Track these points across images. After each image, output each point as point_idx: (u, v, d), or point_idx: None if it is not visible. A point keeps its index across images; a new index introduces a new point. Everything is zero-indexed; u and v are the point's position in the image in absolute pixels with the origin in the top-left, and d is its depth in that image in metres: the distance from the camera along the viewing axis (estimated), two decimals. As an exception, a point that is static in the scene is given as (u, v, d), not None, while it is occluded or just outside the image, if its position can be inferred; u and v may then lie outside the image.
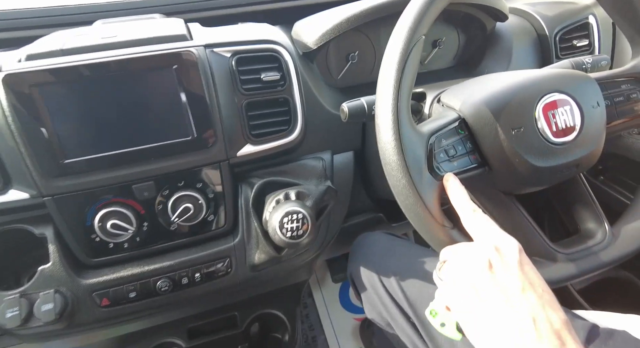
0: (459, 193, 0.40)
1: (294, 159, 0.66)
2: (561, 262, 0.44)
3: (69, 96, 0.50)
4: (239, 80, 0.57)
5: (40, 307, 0.53)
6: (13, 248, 0.58)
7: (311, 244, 0.58)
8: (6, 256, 0.58)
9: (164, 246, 0.59)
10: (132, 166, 0.54)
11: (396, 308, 0.61)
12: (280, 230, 0.48)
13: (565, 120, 0.43)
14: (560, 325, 0.31)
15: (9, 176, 0.51)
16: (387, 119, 0.40)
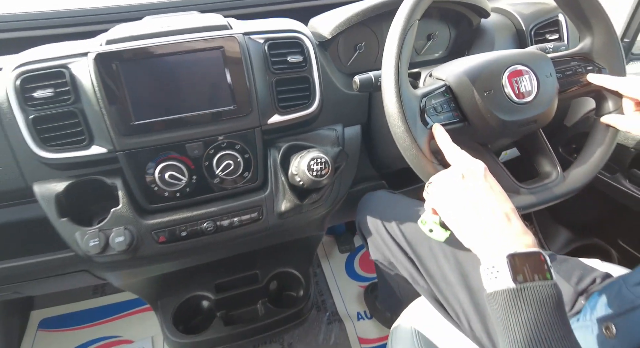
0: (443, 136, 0.53)
1: (313, 130, 0.79)
2: (524, 195, 0.57)
3: (140, 70, 0.63)
4: (270, 61, 0.70)
5: (114, 239, 0.66)
6: (90, 195, 0.70)
7: (329, 185, 0.71)
8: (85, 201, 0.70)
9: (208, 196, 0.72)
10: (185, 128, 0.67)
11: (397, 247, 0.74)
12: (308, 170, 0.61)
13: (525, 85, 0.56)
14: (509, 210, 0.44)
15: (92, 135, 0.64)
16: (390, 82, 0.53)
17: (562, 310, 0.38)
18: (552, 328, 0.36)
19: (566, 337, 0.36)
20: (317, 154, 0.61)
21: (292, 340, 1.15)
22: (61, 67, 0.61)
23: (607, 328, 0.49)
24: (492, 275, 0.40)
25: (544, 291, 0.37)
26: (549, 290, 0.37)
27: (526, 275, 0.38)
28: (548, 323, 0.36)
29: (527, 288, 0.37)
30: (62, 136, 0.62)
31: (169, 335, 0.93)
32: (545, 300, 0.37)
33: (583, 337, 0.51)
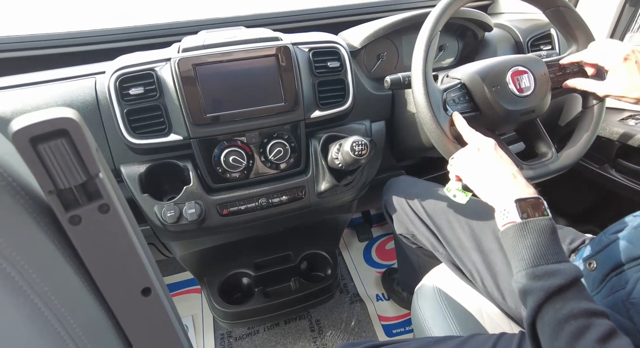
0: (461, 122, 0.66)
1: (346, 123, 0.91)
2: (525, 170, 0.70)
3: (211, 73, 0.76)
4: (314, 66, 0.83)
5: (187, 211, 0.78)
6: (163, 176, 0.83)
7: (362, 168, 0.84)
8: (159, 181, 0.83)
9: (262, 178, 0.85)
10: (245, 121, 0.79)
11: (419, 221, 0.86)
12: (351, 150, 0.73)
13: (524, 82, 0.69)
14: (514, 171, 0.56)
15: (171, 125, 0.77)
16: (419, 78, 0.66)
17: (556, 236, 0.50)
18: (549, 248, 0.48)
19: (559, 253, 0.48)
20: (358, 138, 0.74)
21: (319, 317, 1.26)
22: (150, 70, 0.75)
23: (589, 263, 0.61)
24: (504, 215, 0.52)
25: (542, 223, 0.49)
26: (546, 222, 0.50)
27: (529, 212, 0.50)
28: (546, 244, 0.48)
29: (530, 222, 0.50)
30: (147, 126, 0.75)
31: (216, 305, 1.05)
32: (544, 229, 0.49)
33: None
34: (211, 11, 1.15)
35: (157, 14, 1.04)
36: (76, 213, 0.33)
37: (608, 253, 0.58)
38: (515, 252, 0.50)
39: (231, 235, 1.00)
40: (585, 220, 1.27)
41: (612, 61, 0.66)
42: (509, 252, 0.52)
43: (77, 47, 0.96)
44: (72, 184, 0.33)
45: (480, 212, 0.80)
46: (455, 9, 0.70)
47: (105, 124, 0.77)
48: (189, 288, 1.39)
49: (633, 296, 0.51)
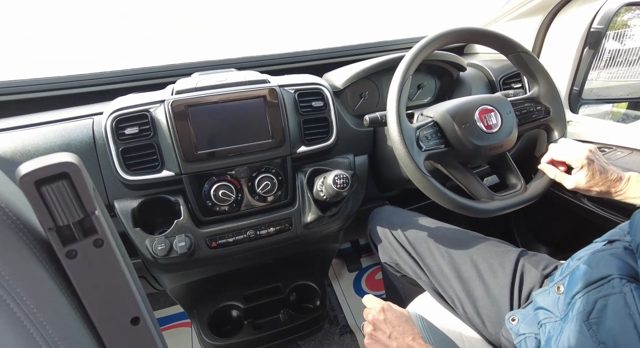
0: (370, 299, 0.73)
1: (330, 158, 0.96)
2: (497, 200, 0.74)
3: (202, 113, 0.81)
4: (299, 106, 0.88)
5: (177, 244, 0.81)
6: (154, 211, 0.86)
7: (346, 199, 0.87)
8: (151, 215, 0.86)
9: (250, 210, 0.88)
10: (235, 157, 0.84)
11: (402, 249, 0.89)
12: (333, 183, 0.77)
13: (491, 120, 0.75)
14: (410, 340, 0.62)
15: (164, 162, 0.81)
16: (393, 118, 0.71)
17: None
18: None
19: None
20: (340, 172, 0.78)
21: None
22: (145, 111, 0.80)
23: (558, 287, 0.64)
24: None
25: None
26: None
27: None
28: None
29: None
30: (141, 163, 0.79)
31: (205, 338, 1.05)
32: None
33: (545, 296, 0.66)
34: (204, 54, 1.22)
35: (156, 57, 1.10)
36: (73, 248, 0.36)
37: (572, 277, 0.62)
38: None
39: (220, 266, 1.02)
40: (563, 247, 1.30)
41: (578, 162, 0.73)
42: None
43: (75, 89, 1.01)
44: (70, 221, 0.36)
45: (459, 240, 0.83)
46: (427, 54, 0.76)
47: (100, 162, 0.81)
48: (179, 322, 1.38)
49: (592, 317, 0.54)
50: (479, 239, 0.84)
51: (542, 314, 0.66)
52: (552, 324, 0.63)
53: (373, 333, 0.67)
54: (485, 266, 0.79)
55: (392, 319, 0.66)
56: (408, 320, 0.68)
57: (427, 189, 0.71)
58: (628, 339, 0.50)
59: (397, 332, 0.64)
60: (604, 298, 0.56)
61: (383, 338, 0.65)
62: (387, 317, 0.67)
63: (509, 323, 0.71)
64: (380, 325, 0.66)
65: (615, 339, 0.52)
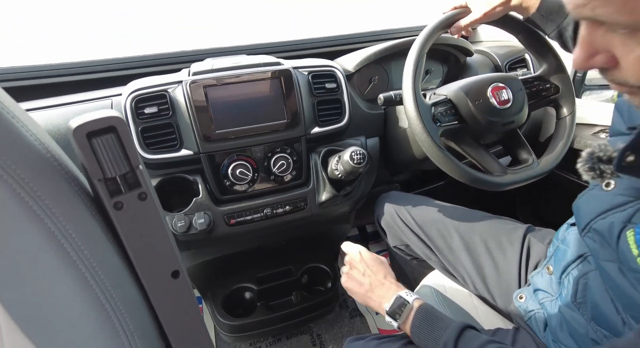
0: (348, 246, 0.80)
1: (343, 139, 0.98)
2: (510, 174, 0.76)
3: (220, 93, 0.82)
4: (313, 87, 0.90)
5: (197, 221, 0.82)
6: (173, 190, 0.87)
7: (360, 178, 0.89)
8: (169, 195, 0.87)
9: (266, 189, 0.89)
10: (251, 136, 0.85)
11: (411, 232, 0.90)
12: (350, 159, 0.78)
13: (503, 96, 0.77)
14: (381, 278, 0.69)
15: (182, 141, 0.82)
16: (409, 94, 0.73)
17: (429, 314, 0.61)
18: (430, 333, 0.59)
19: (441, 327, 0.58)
20: (356, 148, 0.80)
21: (320, 332, 1.27)
22: (163, 91, 0.81)
23: (548, 268, 0.66)
24: (386, 319, 0.65)
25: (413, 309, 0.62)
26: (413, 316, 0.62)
27: (399, 315, 0.63)
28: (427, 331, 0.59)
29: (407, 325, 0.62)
30: (160, 142, 0.81)
31: (220, 318, 1.06)
32: (417, 323, 0.61)
33: (540, 277, 0.69)
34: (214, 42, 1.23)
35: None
36: (119, 200, 0.38)
37: (556, 258, 0.64)
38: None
39: (237, 245, 1.03)
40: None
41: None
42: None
43: (88, 75, 1.02)
44: (118, 173, 0.38)
45: (467, 219, 0.85)
46: (439, 33, 0.78)
47: (121, 141, 0.82)
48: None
49: (578, 297, 0.57)
50: (486, 217, 0.86)
51: (540, 294, 0.68)
52: (549, 303, 0.65)
53: (349, 272, 0.73)
54: (494, 244, 0.81)
55: (367, 259, 0.73)
56: (383, 263, 0.74)
57: (443, 164, 0.73)
58: (611, 314, 0.52)
59: (370, 270, 0.71)
60: (584, 277, 0.58)
61: (357, 275, 0.71)
62: (363, 257, 0.74)
63: (517, 301, 0.72)
64: (355, 265, 0.73)
65: (601, 314, 0.54)
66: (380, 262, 0.73)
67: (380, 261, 0.74)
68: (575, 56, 0.38)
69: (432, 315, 0.61)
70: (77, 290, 0.35)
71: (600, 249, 0.50)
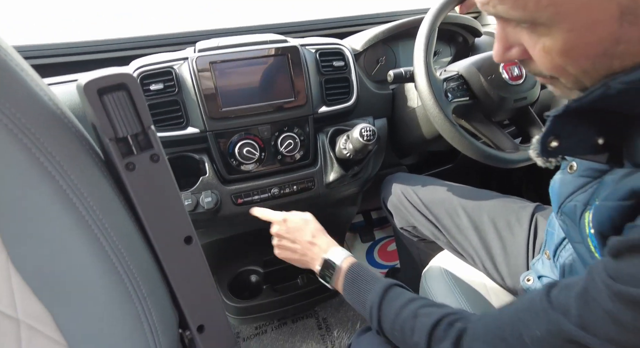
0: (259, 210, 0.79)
1: (350, 120, 0.97)
2: (522, 151, 0.75)
3: (227, 70, 0.81)
4: (320, 65, 0.89)
5: (204, 200, 0.82)
6: (178, 170, 0.86)
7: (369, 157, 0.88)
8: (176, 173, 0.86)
9: (273, 169, 0.89)
10: (258, 115, 0.84)
11: (418, 213, 0.89)
12: (360, 135, 0.77)
13: (516, 72, 0.75)
14: (310, 239, 0.70)
15: (189, 119, 0.81)
16: (421, 68, 0.72)
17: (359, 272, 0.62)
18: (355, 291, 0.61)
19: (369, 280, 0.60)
20: (366, 124, 0.78)
21: (326, 316, 1.27)
22: (169, 67, 0.80)
23: (546, 253, 0.66)
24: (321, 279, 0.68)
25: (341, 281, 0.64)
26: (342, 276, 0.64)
27: (330, 276, 0.66)
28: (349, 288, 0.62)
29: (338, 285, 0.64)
30: (166, 119, 0.79)
31: (226, 300, 1.06)
32: (345, 277, 0.63)
33: (541, 264, 0.68)
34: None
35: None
36: (131, 161, 0.37)
37: (549, 242, 0.64)
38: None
39: (243, 225, 1.02)
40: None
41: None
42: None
43: (94, 54, 1.01)
44: (129, 133, 0.37)
45: (475, 199, 0.84)
46: (450, 8, 0.77)
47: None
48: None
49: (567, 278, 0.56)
50: (495, 196, 0.85)
51: (545, 280, 0.67)
52: None
53: (280, 244, 0.75)
54: (503, 223, 0.80)
55: (292, 226, 0.73)
56: (307, 221, 0.74)
57: (455, 139, 0.72)
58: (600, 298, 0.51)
59: (298, 235, 0.72)
60: (569, 258, 0.58)
61: (288, 244, 0.73)
62: (288, 226, 0.74)
63: (524, 284, 0.71)
64: (283, 235, 0.74)
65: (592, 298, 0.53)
66: (304, 222, 0.74)
67: (305, 220, 0.74)
68: (494, 50, 0.42)
69: (359, 276, 0.62)
70: (90, 252, 0.35)
71: (570, 231, 0.50)
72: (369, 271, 0.63)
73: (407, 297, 0.55)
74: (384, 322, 0.55)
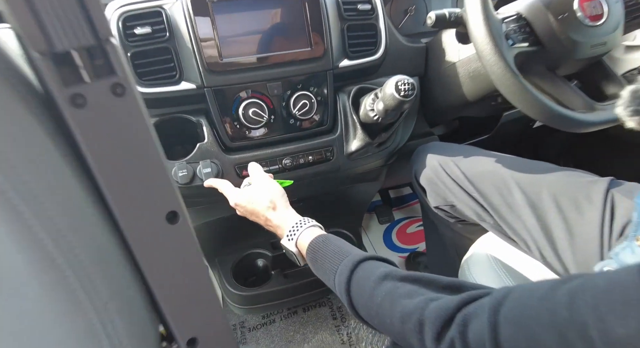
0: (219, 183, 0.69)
1: (375, 78, 0.83)
2: (598, 111, 0.61)
3: (229, 12, 0.67)
4: (343, 9, 0.74)
5: (202, 171, 0.69)
6: (172, 136, 0.74)
7: (402, 119, 0.75)
8: (167, 141, 0.74)
9: (285, 136, 0.76)
10: (267, 68, 0.71)
11: (459, 189, 0.76)
12: (396, 90, 0.64)
13: (596, 9, 0.60)
14: (265, 207, 0.63)
15: (182, 72, 0.68)
16: (477, 6, 0.57)
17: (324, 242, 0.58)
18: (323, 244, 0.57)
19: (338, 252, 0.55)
20: (403, 76, 0.64)
21: (341, 304, 1.17)
22: (158, 7, 0.66)
23: (637, 239, 0.53)
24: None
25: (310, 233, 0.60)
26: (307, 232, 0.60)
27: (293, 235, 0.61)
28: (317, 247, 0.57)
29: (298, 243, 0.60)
30: (155, 72, 0.66)
31: (230, 288, 0.95)
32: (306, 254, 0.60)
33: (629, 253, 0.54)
34: None
35: None
36: (79, 92, 0.24)
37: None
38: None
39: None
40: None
41: None
42: None
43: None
44: (74, 45, 0.23)
45: (531, 172, 0.71)
46: None
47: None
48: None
49: None
50: (555, 169, 0.71)
51: None
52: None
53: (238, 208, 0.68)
54: (567, 201, 0.66)
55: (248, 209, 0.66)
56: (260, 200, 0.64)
57: (517, 94, 0.58)
58: None
59: (257, 203, 0.64)
60: None
61: (246, 210, 0.66)
62: (245, 192, 0.66)
63: None
64: (240, 201, 0.66)
65: None
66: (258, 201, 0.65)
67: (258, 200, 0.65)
68: None
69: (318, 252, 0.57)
70: (10, 236, 0.22)
71: None
72: (331, 244, 0.57)
73: (382, 272, 0.47)
74: (358, 308, 0.48)
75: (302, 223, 0.62)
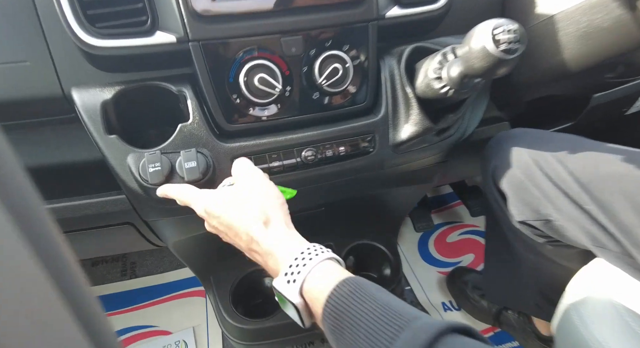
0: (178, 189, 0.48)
1: (436, 36, 0.60)
2: None
3: None
4: None
5: (184, 164, 0.48)
6: (146, 115, 0.53)
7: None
8: (139, 122, 0.53)
9: (305, 117, 0.53)
10: (279, 16, 0.48)
11: (565, 198, 0.53)
12: (494, 41, 0.41)
13: None
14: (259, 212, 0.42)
15: (156, 17, 0.46)
16: None
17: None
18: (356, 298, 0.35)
19: None
20: (501, 21, 0.41)
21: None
22: None
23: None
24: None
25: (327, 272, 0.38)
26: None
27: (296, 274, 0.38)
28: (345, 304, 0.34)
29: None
30: (115, 14, 0.45)
31: (227, 317, 0.75)
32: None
33: None
34: None
35: None
36: None
37: None
38: None
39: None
40: None
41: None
42: None
43: None
44: None
45: None
46: None
47: (40, 11, 0.46)
48: (191, 290, 1.09)
49: None
50: None
51: None
52: None
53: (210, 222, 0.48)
54: None
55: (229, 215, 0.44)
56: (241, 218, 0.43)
57: None
58: None
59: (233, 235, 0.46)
60: None
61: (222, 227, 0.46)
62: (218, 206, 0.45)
63: None
64: (213, 218, 0.46)
65: None
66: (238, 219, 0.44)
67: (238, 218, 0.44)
68: None
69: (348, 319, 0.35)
70: None
71: None
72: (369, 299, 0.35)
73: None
74: None
75: (312, 253, 0.39)
